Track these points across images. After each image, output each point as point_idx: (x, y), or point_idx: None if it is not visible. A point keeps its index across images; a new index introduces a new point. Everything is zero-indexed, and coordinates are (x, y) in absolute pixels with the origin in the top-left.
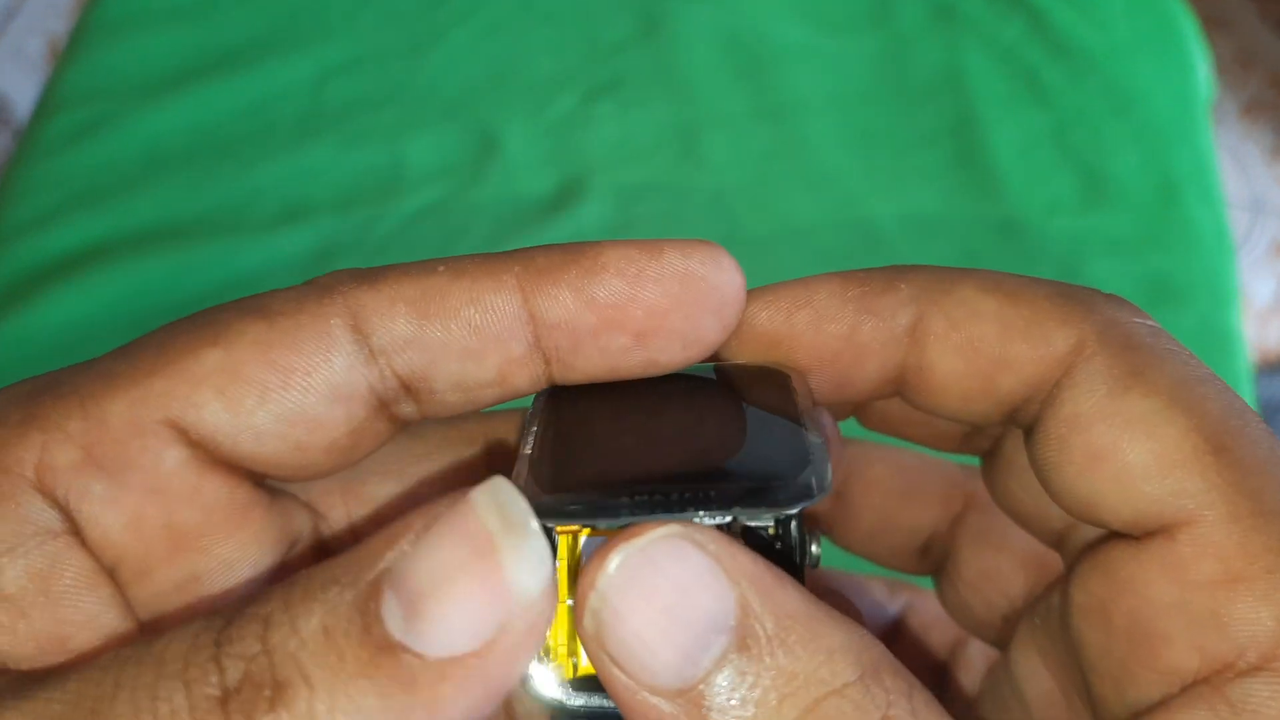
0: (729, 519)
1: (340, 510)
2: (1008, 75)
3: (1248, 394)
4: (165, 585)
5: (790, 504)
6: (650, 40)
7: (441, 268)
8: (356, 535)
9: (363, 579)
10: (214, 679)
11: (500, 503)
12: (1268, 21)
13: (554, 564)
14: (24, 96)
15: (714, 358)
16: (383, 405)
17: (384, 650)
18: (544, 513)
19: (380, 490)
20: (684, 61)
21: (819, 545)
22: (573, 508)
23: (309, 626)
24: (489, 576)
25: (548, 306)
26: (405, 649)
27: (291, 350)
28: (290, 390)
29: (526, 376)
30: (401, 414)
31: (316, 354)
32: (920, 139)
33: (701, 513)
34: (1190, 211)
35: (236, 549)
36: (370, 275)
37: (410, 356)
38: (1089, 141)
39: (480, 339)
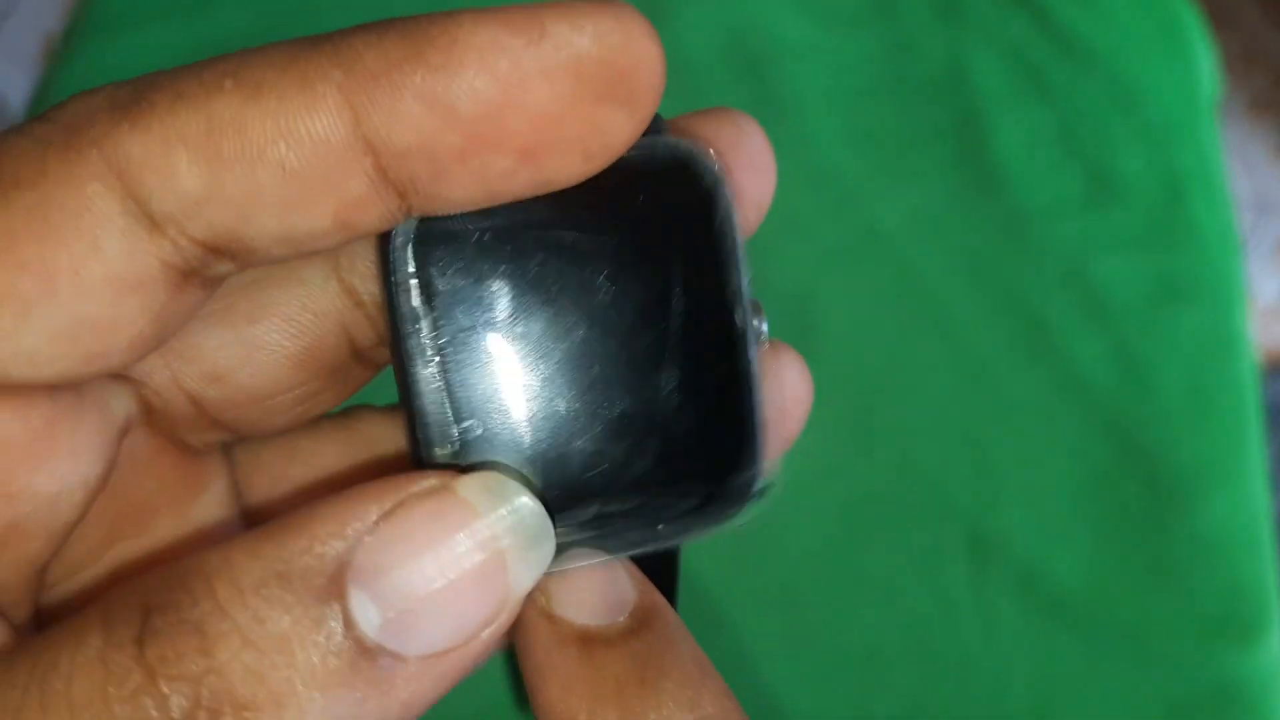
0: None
1: (164, 374)
2: (1011, 72)
3: (1254, 395)
4: None
5: (736, 518)
6: None
7: (229, 82)
8: (196, 403)
9: (315, 575)
10: (154, 714)
11: (506, 501)
12: (1272, 19)
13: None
14: (19, 93)
15: None
16: (188, 276)
17: (363, 655)
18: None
19: (209, 340)
20: (685, 58)
21: (763, 319)
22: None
23: (265, 634)
24: (494, 580)
25: (390, 129)
26: (384, 651)
27: (44, 241)
28: (59, 297)
29: (375, 216)
30: (217, 275)
31: (79, 242)
32: (923, 136)
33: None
34: (1196, 210)
35: (52, 479)
36: (132, 101)
37: (209, 218)
38: (1094, 139)
39: (302, 185)
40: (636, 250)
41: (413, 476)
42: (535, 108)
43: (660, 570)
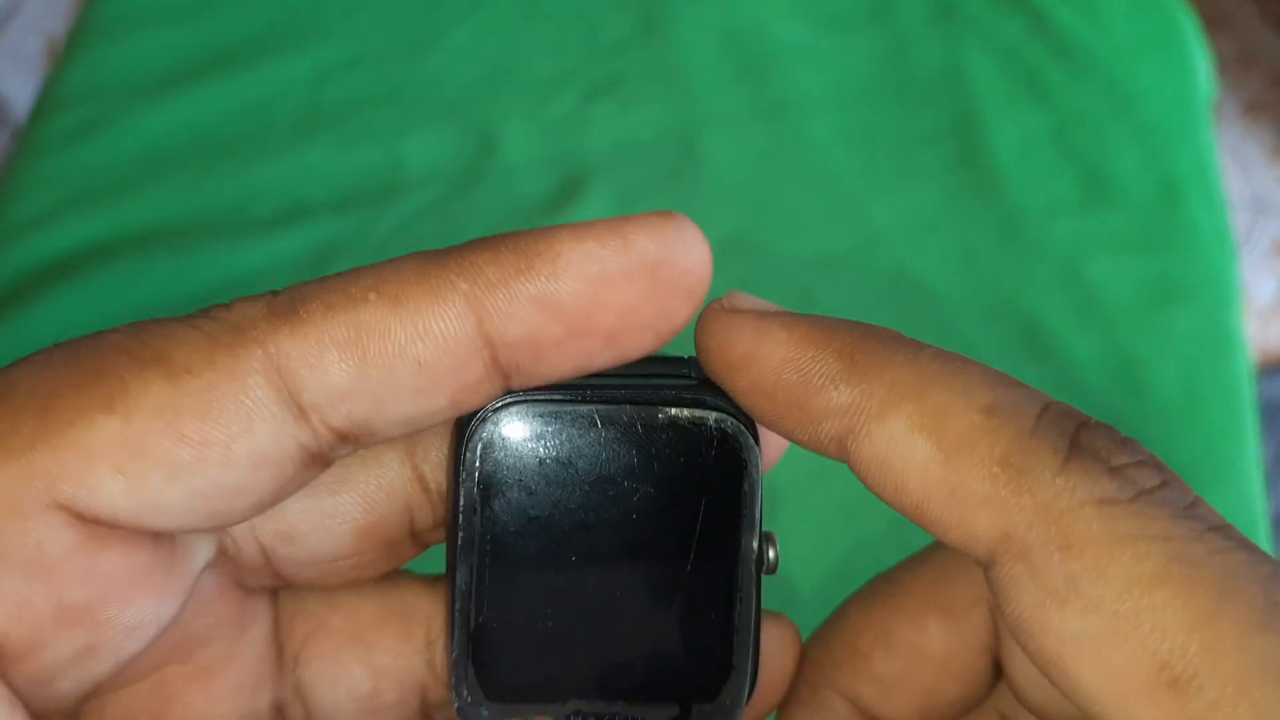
0: None
1: (244, 527)
2: (1008, 75)
3: (1249, 395)
4: (56, 659)
5: None
6: (650, 39)
7: (373, 294)
8: (266, 556)
9: None
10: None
11: None
12: (1268, 21)
13: None
14: (22, 96)
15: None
16: (316, 457)
17: None
18: None
19: (293, 503)
20: (683, 61)
21: (775, 549)
22: None
23: None
24: None
25: (507, 326)
26: None
27: (204, 419)
28: (206, 466)
29: (482, 395)
30: (335, 458)
31: (235, 423)
32: (920, 138)
33: None
34: (1191, 211)
35: (136, 614)
36: (288, 310)
37: (350, 408)
38: (1090, 141)
39: (431, 377)
40: (670, 496)
41: None
42: (620, 302)
43: None
